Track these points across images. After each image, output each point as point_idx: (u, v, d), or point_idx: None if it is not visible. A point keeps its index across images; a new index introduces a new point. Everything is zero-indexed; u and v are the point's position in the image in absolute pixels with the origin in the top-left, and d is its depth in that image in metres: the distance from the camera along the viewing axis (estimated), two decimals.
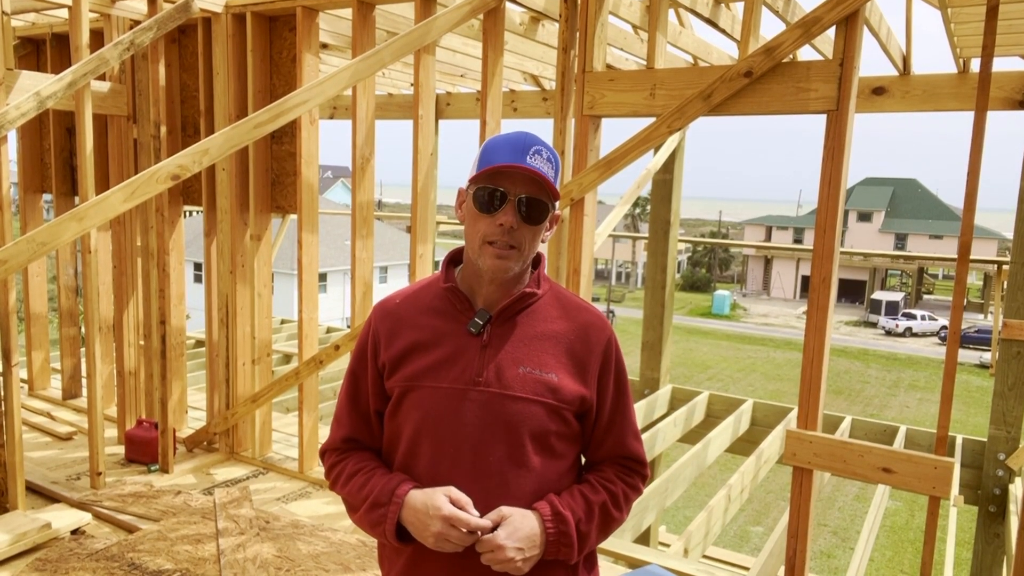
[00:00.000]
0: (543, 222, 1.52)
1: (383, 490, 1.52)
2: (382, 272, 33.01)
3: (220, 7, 4.36)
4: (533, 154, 1.48)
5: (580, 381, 1.55)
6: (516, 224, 1.48)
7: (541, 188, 1.49)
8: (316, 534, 3.65)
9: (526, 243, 1.51)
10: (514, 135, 1.52)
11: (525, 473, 1.50)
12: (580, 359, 1.56)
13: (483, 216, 1.49)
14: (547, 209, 1.51)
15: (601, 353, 1.58)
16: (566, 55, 3.69)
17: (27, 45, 5.63)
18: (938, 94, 4.83)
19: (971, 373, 29.23)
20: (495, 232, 1.48)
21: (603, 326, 1.61)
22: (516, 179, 1.48)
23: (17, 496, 3.67)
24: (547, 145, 1.53)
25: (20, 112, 3.55)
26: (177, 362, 4.72)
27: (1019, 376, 4.96)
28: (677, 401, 6.65)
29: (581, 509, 1.53)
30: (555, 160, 1.53)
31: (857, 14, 2.92)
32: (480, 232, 1.50)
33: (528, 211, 1.49)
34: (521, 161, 1.46)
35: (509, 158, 1.47)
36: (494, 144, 1.51)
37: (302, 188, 4.29)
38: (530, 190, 1.48)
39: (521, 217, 1.48)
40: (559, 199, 1.54)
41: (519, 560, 1.43)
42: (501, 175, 1.48)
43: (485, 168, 1.48)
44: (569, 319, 1.59)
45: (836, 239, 3.00)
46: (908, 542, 15.73)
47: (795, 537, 3.14)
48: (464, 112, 7.31)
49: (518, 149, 1.47)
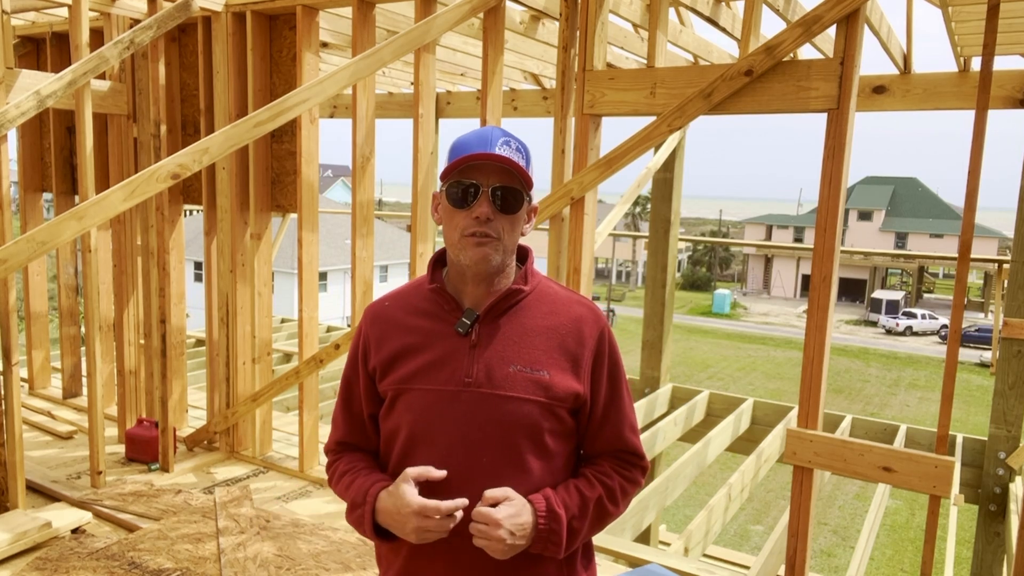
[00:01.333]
0: (519, 211, 1.51)
1: (359, 491, 1.53)
2: (382, 271, 33.02)
3: (220, 6, 4.36)
4: (501, 144, 1.47)
5: (573, 377, 1.53)
6: (492, 214, 1.47)
7: (513, 177, 1.48)
8: (316, 533, 3.65)
9: (504, 233, 1.49)
10: (480, 129, 1.51)
11: (519, 472, 1.49)
12: (572, 354, 1.54)
13: (458, 211, 1.49)
14: (521, 197, 1.50)
15: (594, 346, 1.56)
16: (566, 54, 3.69)
17: (27, 44, 5.63)
18: (939, 93, 4.83)
19: (972, 372, 29.23)
20: (472, 224, 1.47)
21: (596, 319, 1.59)
22: (487, 170, 1.47)
23: (17, 495, 3.68)
24: (515, 136, 1.52)
25: (20, 111, 3.55)
26: (177, 361, 4.72)
27: (1019, 375, 4.96)
28: (677, 400, 6.65)
29: (576, 505, 1.52)
30: (524, 150, 1.51)
31: (858, 13, 2.92)
32: (458, 227, 1.49)
33: (503, 201, 1.48)
34: (490, 150, 1.45)
35: (476, 149, 1.46)
36: (462, 140, 1.50)
37: (302, 187, 4.29)
38: (502, 179, 1.47)
39: (496, 207, 1.47)
40: (532, 187, 1.52)
41: (507, 543, 1.42)
42: (472, 168, 1.47)
43: (454, 161, 1.47)
44: (560, 314, 1.57)
45: (837, 238, 3.00)
46: (908, 541, 15.74)
47: (795, 536, 3.14)
48: (464, 111, 7.31)
49: (486, 140, 1.47)
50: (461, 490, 1.46)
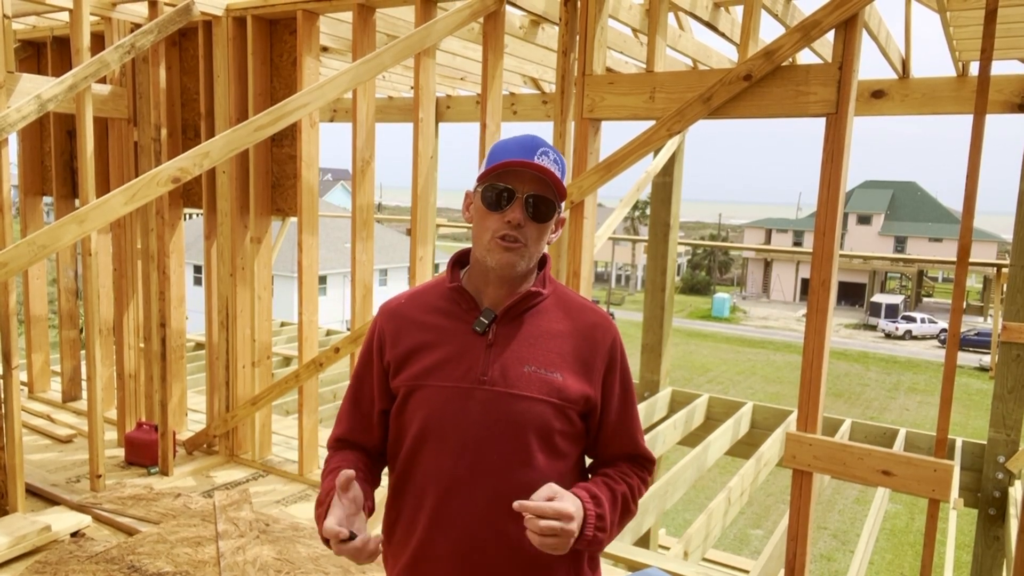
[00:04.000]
0: (549, 221, 1.54)
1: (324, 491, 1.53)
2: (382, 274, 33.01)
3: (221, 10, 4.37)
4: (540, 155, 1.50)
5: (585, 380, 1.56)
6: (523, 221, 1.50)
7: (548, 187, 1.51)
8: (316, 536, 3.65)
9: (532, 241, 1.52)
10: (522, 137, 1.54)
11: (528, 471, 1.51)
12: (585, 359, 1.57)
13: (491, 214, 1.51)
14: (554, 207, 1.53)
15: (607, 353, 1.59)
16: (566, 58, 3.70)
17: (28, 48, 5.64)
18: (937, 97, 4.84)
19: (971, 376, 29.21)
20: (503, 228, 1.50)
21: (608, 326, 1.63)
22: (524, 177, 1.50)
23: (17, 498, 3.68)
24: (554, 148, 1.55)
25: (21, 115, 3.56)
26: (177, 364, 4.73)
27: (1018, 379, 4.97)
28: (677, 404, 6.65)
29: (607, 499, 1.52)
30: (561, 163, 1.55)
31: (856, 18, 2.93)
32: (489, 229, 1.52)
33: (535, 209, 1.51)
34: (530, 158, 1.49)
35: (517, 156, 1.49)
36: (503, 145, 1.54)
37: (302, 191, 4.30)
38: (537, 188, 1.51)
39: (529, 214, 1.50)
40: (565, 200, 1.56)
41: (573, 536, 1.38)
42: (509, 174, 1.50)
43: (493, 166, 1.50)
44: (574, 319, 1.60)
45: (835, 241, 3.00)
46: (908, 545, 15.72)
47: (795, 540, 3.14)
48: (464, 115, 7.32)
49: (526, 149, 1.50)
50: (469, 487, 1.49)
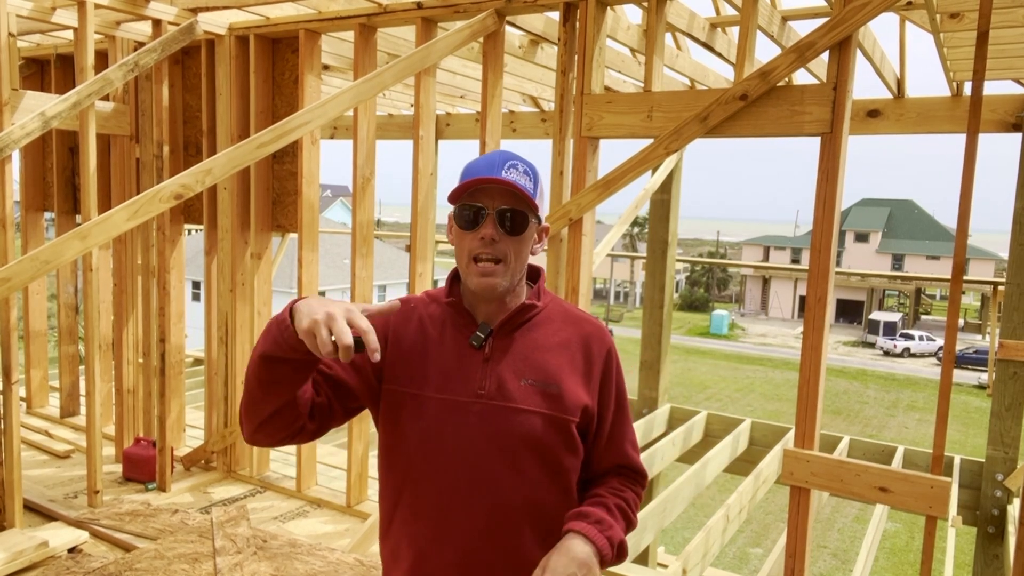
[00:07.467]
0: (524, 232, 1.55)
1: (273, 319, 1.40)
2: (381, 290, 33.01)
3: (223, 29, 4.43)
4: (508, 168, 1.51)
5: (584, 391, 1.57)
6: (498, 236, 1.51)
7: (519, 199, 1.52)
8: (314, 553, 3.64)
9: (511, 255, 1.53)
10: (490, 154, 1.56)
11: (520, 483, 1.52)
12: (582, 370, 1.58)
13: (467, 233, 1.53)
14: (527, 219, 1.54)
15: (602, 364, 1.61)
16: (565, 77, 3.74)
17: (32, 65, 5.69)
18: (932, 117, 4.89)
19: (969, 394, 29.17)
20: (478, 246, 1.51)
21: (603, 337, 1.64)
22: (493, 193, 1.51)
23: (15, 514, 3.67)
24: (524, 159, 1.56)
25: (25, 132, 3.59)
26: (176, 380, 4.73)
27: (1016, 396, 4.97)
28: (675, 421, 6.64)
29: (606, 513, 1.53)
30: (532, 172, 1.55)
31: (850, 39, 2.97)
32: (466, 249, 1.53)
33: (510, 222, 1.52)
34: (496, 174, 1.50)
35: (485, 173, 1.51)
36: (472, 165, 1.56)
37: (303, 207, 4.33)
38: (507, 202, 1.52)
39: (505, 229, 1.51)
40: (538, 210, 1.57)
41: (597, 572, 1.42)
42: (479, 191, 1.52)
43: (461, 185, 1.53)
44: (570, 331, 1.62)
45: (831, 259, 3.03)
46: (907, 564, 15.63)
47: (793, 557, 3.14)
48: (464, 132, 7.38)
49: (493, 165, 1.52)
50: (463, 499, 1.49)
